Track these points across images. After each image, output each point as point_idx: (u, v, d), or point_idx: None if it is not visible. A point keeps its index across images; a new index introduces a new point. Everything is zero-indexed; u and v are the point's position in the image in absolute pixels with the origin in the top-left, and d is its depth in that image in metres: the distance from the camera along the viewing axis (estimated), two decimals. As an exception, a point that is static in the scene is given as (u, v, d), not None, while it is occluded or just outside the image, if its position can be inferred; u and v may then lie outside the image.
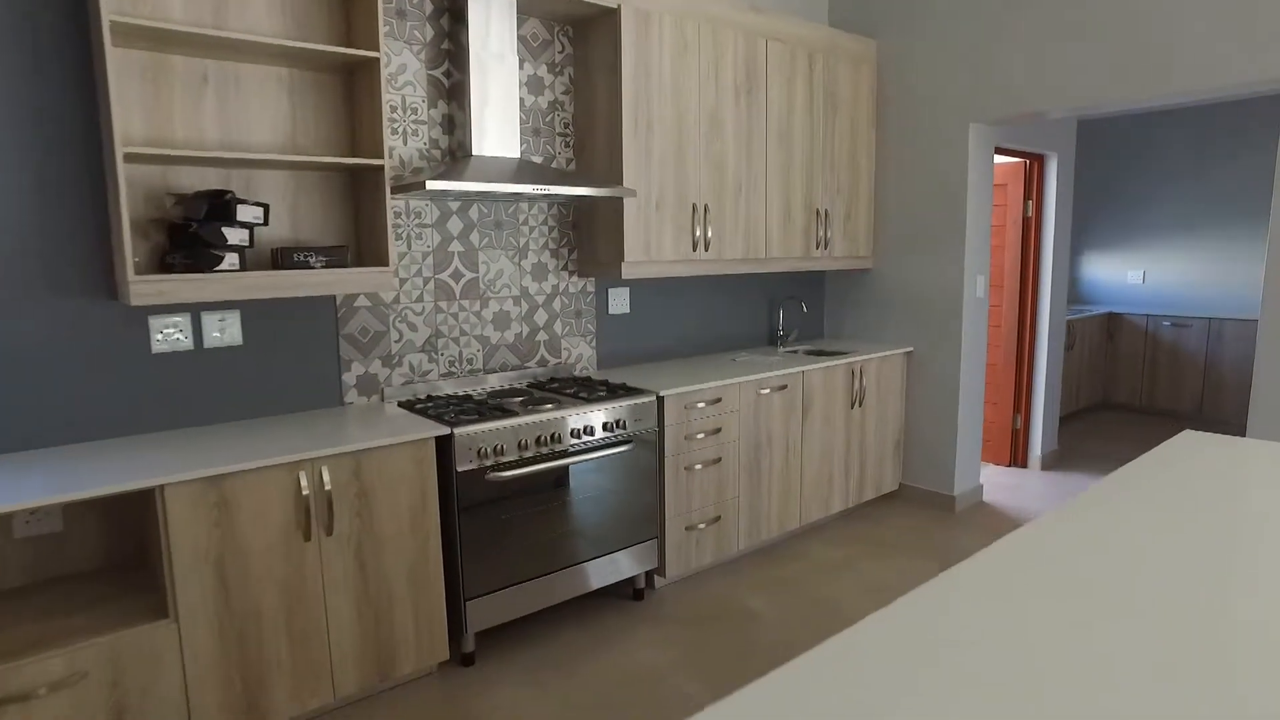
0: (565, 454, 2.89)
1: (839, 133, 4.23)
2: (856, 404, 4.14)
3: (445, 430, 2.57)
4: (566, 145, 3.48)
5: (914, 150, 4.31)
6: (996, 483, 4.88)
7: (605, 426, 3.01)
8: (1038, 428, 5.14)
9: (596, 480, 3.01)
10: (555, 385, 3.31)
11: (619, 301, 3.76)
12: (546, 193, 2.85)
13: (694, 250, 3.58)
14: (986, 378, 5.14)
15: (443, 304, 3.16)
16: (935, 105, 4.20)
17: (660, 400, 3.21)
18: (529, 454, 2.79)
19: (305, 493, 2.29)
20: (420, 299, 3.09)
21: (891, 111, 4.39)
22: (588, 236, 3.50)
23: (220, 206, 2.32)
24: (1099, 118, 7.24)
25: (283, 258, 2.52)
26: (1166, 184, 7.04)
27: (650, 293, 3.91)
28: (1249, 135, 6.58)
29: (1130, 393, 6.92)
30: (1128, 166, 7.24)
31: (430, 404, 2.95)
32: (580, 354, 3.64)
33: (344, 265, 2.63)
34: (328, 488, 2.33)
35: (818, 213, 4.16)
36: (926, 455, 4.43)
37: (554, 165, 3.35)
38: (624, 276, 3.34)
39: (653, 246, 3.42)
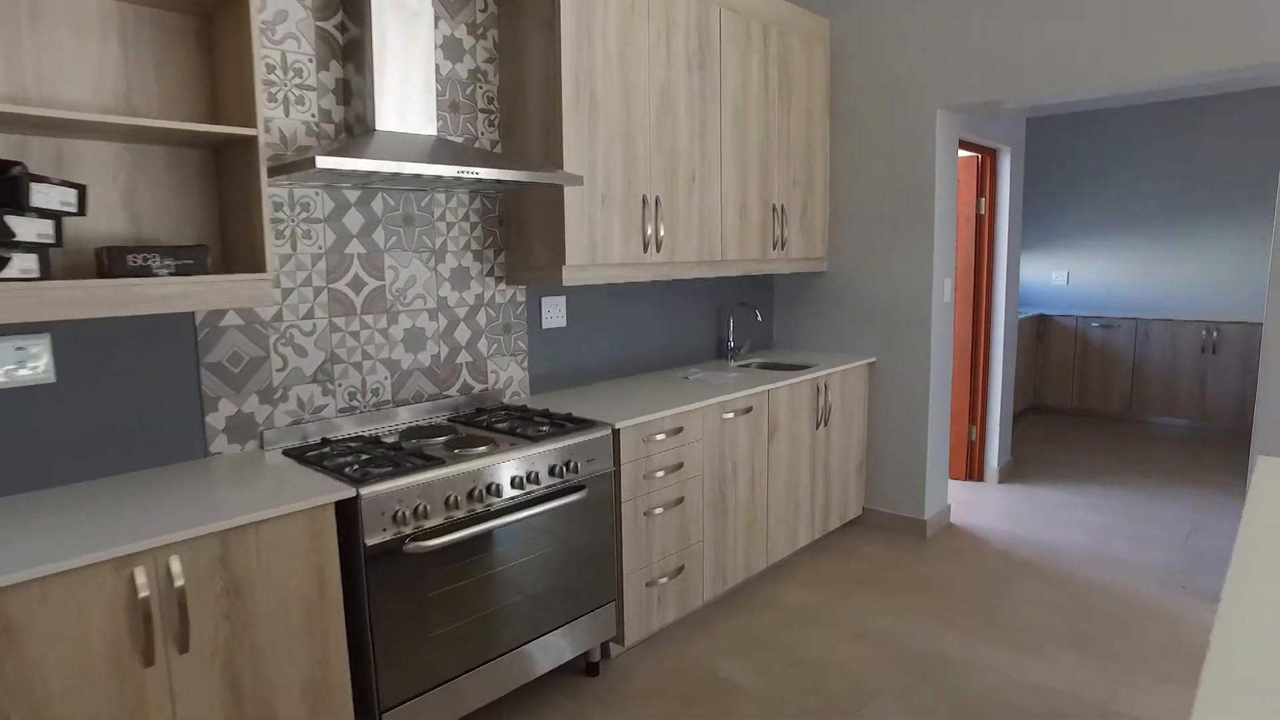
0: (505, 510, 2.28)
1: (795, 118, 3.77)
2: (822, 423, 3.68)
3: (349, 491, 1.92)
4: (491, 124, 2.87)
5: (875, 139, 3.89)
6: (958, 500, 4.53)
7: (553, 471, 2.41)
8: (994, 439, 4.83)
9: (543, 538, 2.40)
10: (484, 419, 2.68)
11: (554, 313, 3.16)
12: (474, 176, 2.23)
13: (645, 251, 3.02)
14: (940, 387, 4.80)
15: (340, 320, 2.49)
16: (898, 90, 3.79)
17: (616, 434, 2.63)
18: (460, 514, 2.16)
19: (144, 595, 1.60)
20: (310, 315, 2.41)
21: (848, 97, 3.95)
22: (519, 236, 2.89)
23: (4, 186, 1.60)
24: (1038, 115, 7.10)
25: (112, 261, 1.81)
26: (1087, 184, 6.97)
27: (589, 302, 3.32)
28: (1167, 136, 6.55)
29: (1061, 395, 6.80)
30: (1048, 167, 7.14)
31: (327, 450, 2.28)
32: (510, 377, 3.02)
33: (204, 271, 1.94)
34: (179, 584, 1.65)
35: (775, 208, 3.68)
36: (893, 477, 4.01)
37: (477, 147, 2.72)
38: (566, 283, 2.75)
39: (599, 247, 2.84)
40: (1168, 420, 6.41)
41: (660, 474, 2.81)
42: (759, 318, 3.77)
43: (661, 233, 3.07)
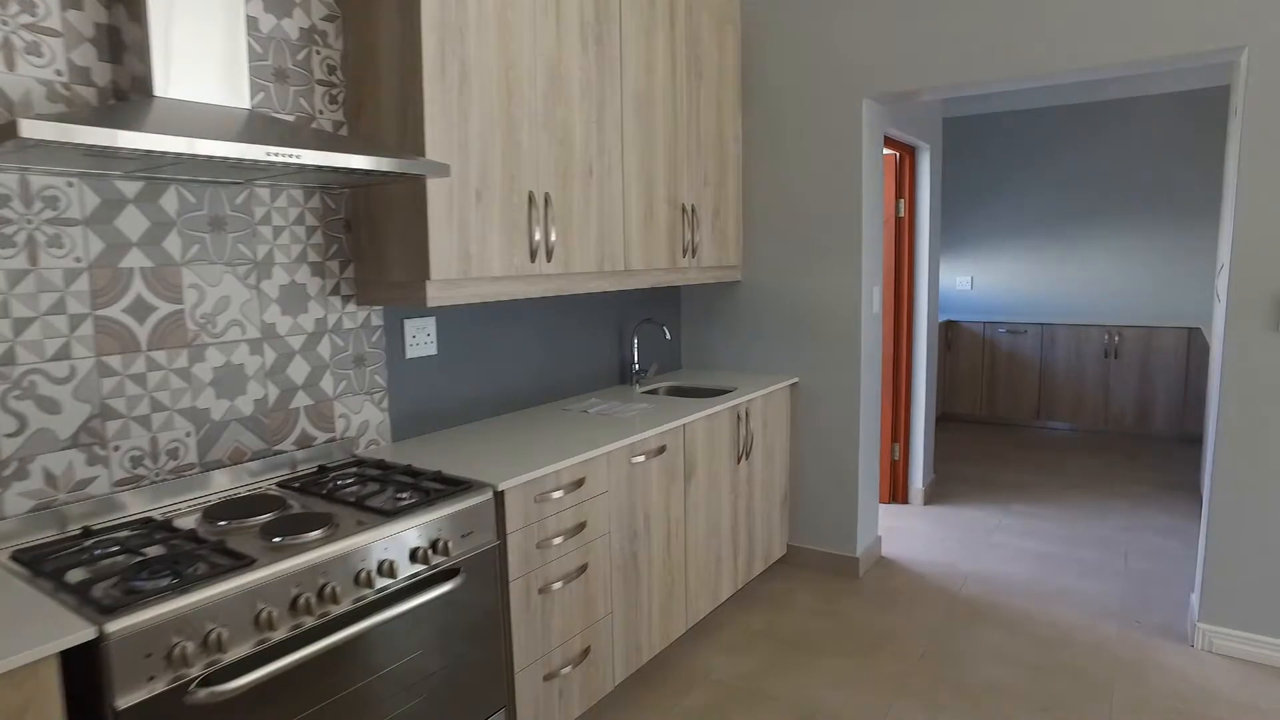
0: (350, 617, 1.67)
1: (705, 108, 3.28)
2: (744, 456, 3.20)
3: (85, 630, 1.28)
4: (333, 100, 2.24)
5: (794, 132, 3.45)
6: (886, 526, 4.16)
7: (416, 556, 1.82)
8: (918, 457, 4.49)
9: (406, 643, 1.80)
10: (328, 481, 2.06)
11: (420, 338, 2.56)
12: (291, 161, 1.61)
13: (533, 260, 2.45)
14: (861, 404, 4.44)
15: (114, 360, 1.82)
16: (820, 77, 3.36)
17: (499, 497, 2.06)
18: (279, 634, 1.54)
19: None
20: (64, 354, 1.74)
21: (764, 85, 3.50)
22: (371, 243, 2.28)
23: None
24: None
25: None
26: (990, 189, 6.83)
27: (466, 323, 2.73)
28: (1068, 142, 6.47)
29: (970, 403, 6.62)
30: (950, 170, 6.98)
31: (85, 547, 1.61)
32: (365, 421, 2.40)
33: None
34: None
35: (685, 209, 3.18)
36: (821, 510, 3.58)
37: (314, 128, 2.09)
38: (433, 303, 2.16)
39: (474, 256, 2.26)
40: (1073, 425, 6.31)
41: (558, 540, 2.25)
42: (668, 335, 3.27)
43: (553, 238, 2.51)
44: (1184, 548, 3.82)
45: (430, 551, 1.84)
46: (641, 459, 2.58)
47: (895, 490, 4.51)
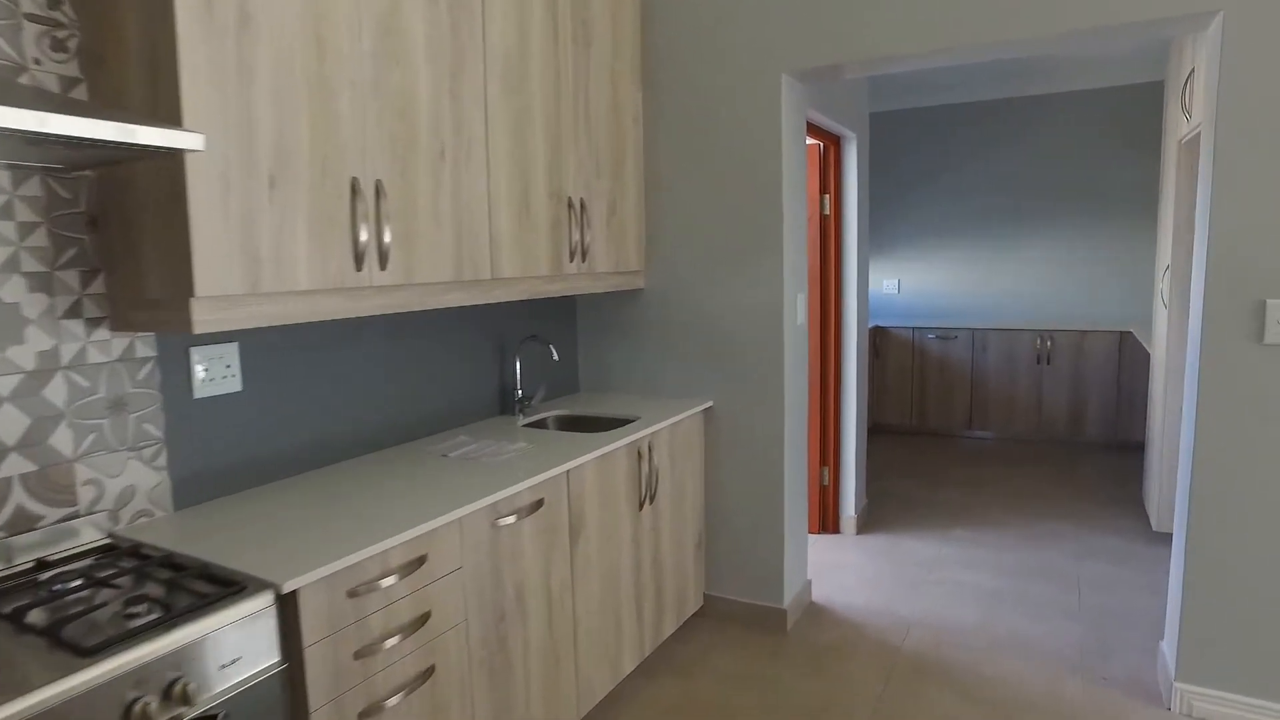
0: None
1: (597, 82, 2.75)
2: (647, 500, 2.68)
3: None
4: (60, 48, 1.62)
5: (703, 113, 2.95)
6: (816, 562, 3.70)
7: (134, 712, 1.22)
8: (849, 481, 4.05)
9: (121, 842, 1.21)
10: (34, 589, 1.44)
11: (217, 372, 1.95)
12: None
13: (360, 268, 1.88)
14: (786, 424, 3.99)
15: None
16: (732, 48, 2.87)
17: (287, 601, 1.48)
18: None
19: None
20: None
21: (668, 54, 3.00)
22: (125, 247, 1.67)
23: None
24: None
25: None
26: (916, 188, 6.50)
27: (286, 349, 2.13)
28: (996, 139, 6.18)
29: (900, 413, 6.26)
30: (875, 168, 6.63)
31: None
32: (130, 487, 1.78)
33: None
34: None
35: (572, 203, 2.64)
36: (742, 554, 3.09)
37: (25, 82, 1.46)
38: (201, 328, 1.56)
39: (268, 263, 1.67)
40: (1006, 434, 6.01)
41: (391, 642, 1.68)
42: (555, 356, 2.74)
43: (388, 239, 1.94)
44: (1138, 576, 3.46)
45: (164, 698, 1.25)
46: (511, 519, 2.03)
47: (826, 519, 4.06)
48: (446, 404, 2.65)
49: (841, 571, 3.60)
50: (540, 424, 2.84)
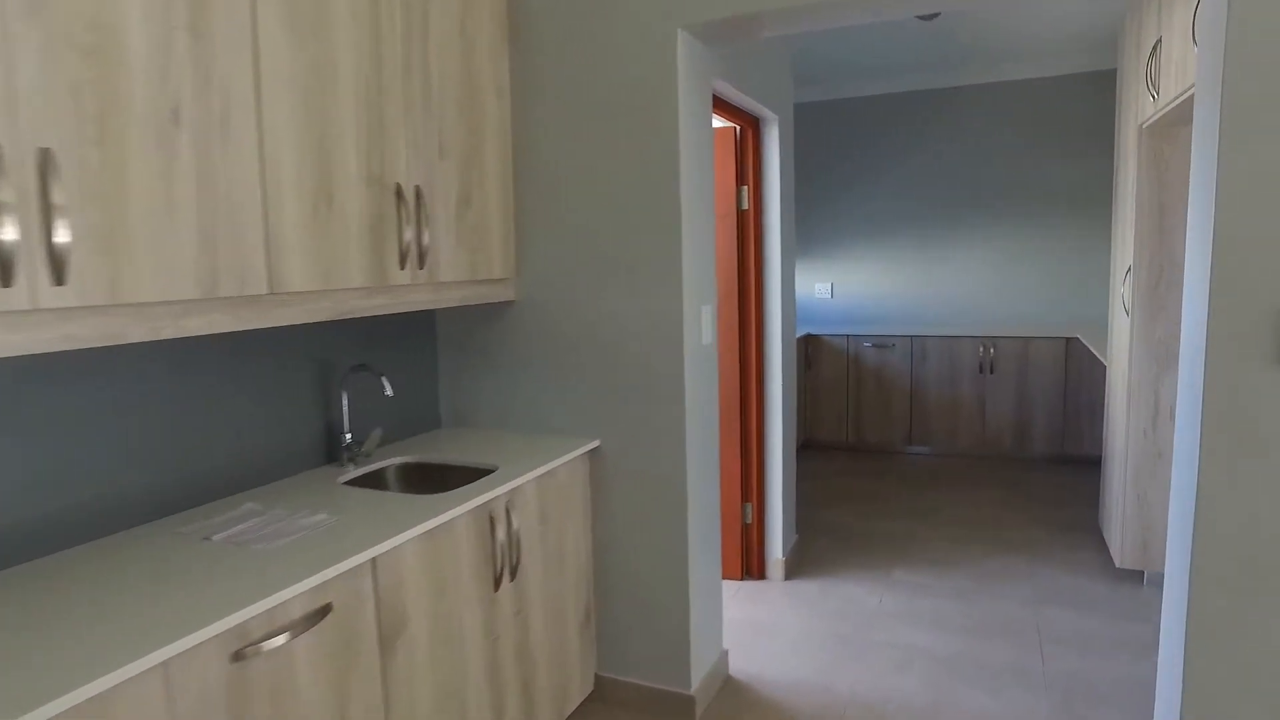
0: None
1: (439, 35, 2.13)
2: (506, 576, 2.07)
3: None
4: None
5: (583, 81, 2.36)
6: (735, 619, 3.14)
7: None
8: (776, 517, 3.51)
9: None
10: None
11: None
12: None
13: (7, 284, 1.23)
14: (702, 455, 3.43)
15: None
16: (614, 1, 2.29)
17: None
18: None
19: None
20: None
21: (538, 12, 2.40)
22: None
23: None
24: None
25: None
26: (849, 182, 6.04)
27: (-55, 397, 1.46)
28: (935, 128, 5.75)
29: (835, 429, 5.77)
30: (801, 164, 6.14)
31: None
32: None
33: None
34: None
35: (402, 193, 2.02)
36: (640, 627, 2.50)
37: None
38: None
39: None
40: (948, 450, 5.57)
41: None
42: (388, 390, 2.12)
43: (64, 239, 1.29)
44: (1108, 627, 2.99)
45: None
46: (279, 640, 1.40)
47: (749, 563, 3.51)
48: (245, 457, 2.00)
49: (767, 634, 3.05)
50: (374, 478, 2.21)
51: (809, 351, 5.76)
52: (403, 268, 2.02)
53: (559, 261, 2.46)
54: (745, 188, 3.32)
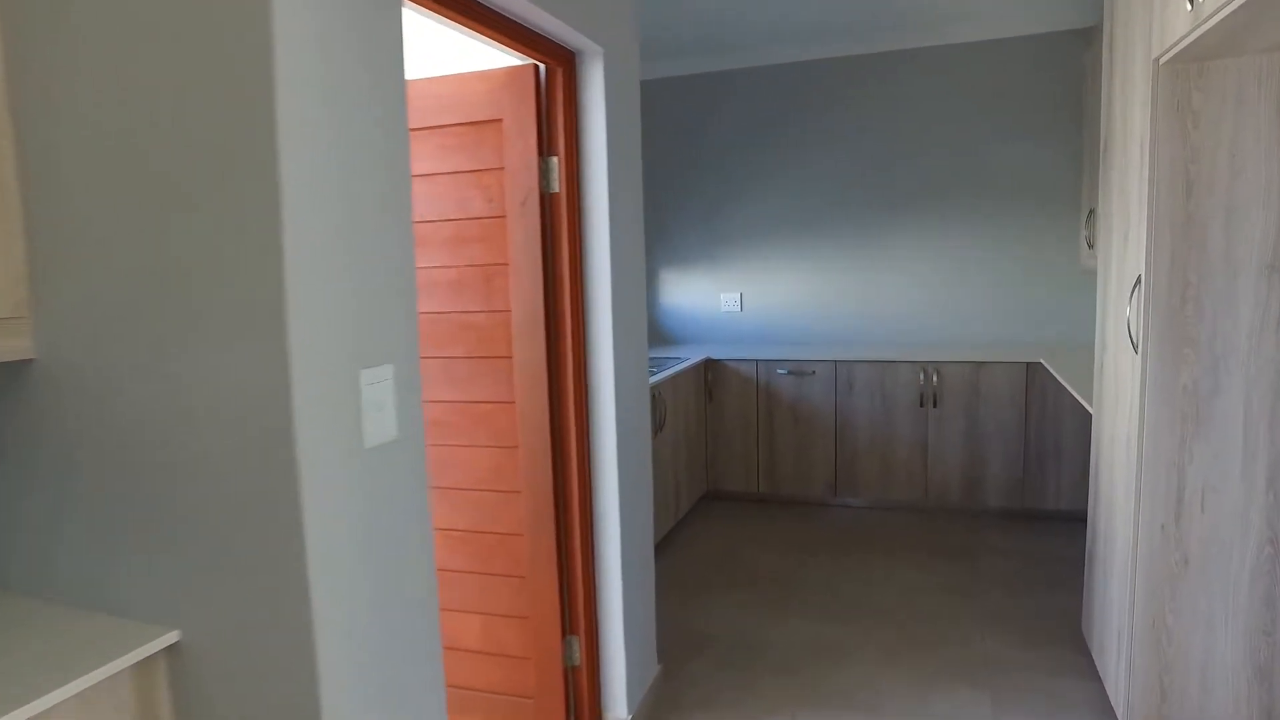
0: None
1: None
2: None
3: None
4: None
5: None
6: None
7: None
8: (616, 652, 2.32)
9: None
10: None
11: None
12: None
13: None
14: (491, 553, 2.24)
15: None
16: None
17: None
18: None
19: None
20: None
21: None
22: None
23: None
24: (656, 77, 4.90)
25: None
26: (758, 171, 4.91)
27: None
28: (864, 101, 4.65)
29: (742, 477, 4.63)
30: (704, 149, 4.99)
31: None
32: None
33: None
34: None
35: None
36: None
37: None
38: None
39: None
40: (883, 502, 4.47)
41: None
42: None
43: None
44: None
45: None
46: None
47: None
48: None
49: None
50: None
51: (709, 380, 4.61)
52: None
53: (105, 295, 1.24)
54: (554, 160, 2.13)
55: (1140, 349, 2.11)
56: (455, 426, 2.32)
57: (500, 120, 2.15)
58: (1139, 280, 2.13)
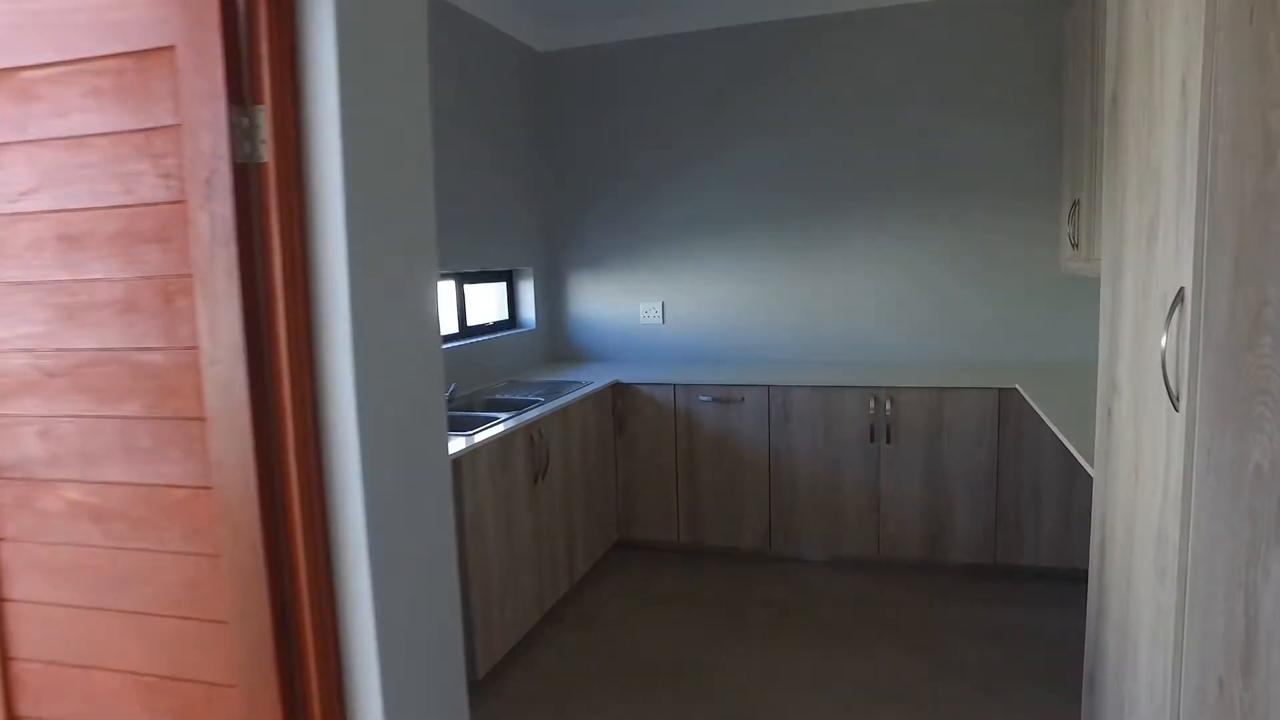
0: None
1: None
2: None
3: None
4: None
5: None
6: None
7: None
8: None
9: None
10: None
11: None
12: None
13: None
14: (196, 713, 1.42)
15: None
16: None
17: None
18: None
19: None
20: None
21: None
22: None
23: None
24: (561, 49, 4.09)
25: None
26: (680, 163, 4.13)
27: None
28: (799, 79, 3.89)
29: (660, 523, 3.84)
30: (618, 133, 4.20)
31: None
32: None
33: None
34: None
35: None
36: None
37: None
38: None
39: None
40: (828, 555, 3.71)
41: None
42: None
43: None
44: None
45: None
46: None
47: None
48: None
49: None
50: None
51: (618, 408, 3.81)
52: None
53: None
54: (261, 109, 1.32)
55: (1184, 404, 1.35)
56: (139, 521, 1.50)
57: (172, 48, 1.34)
58: (1179, 296, 1.37)
